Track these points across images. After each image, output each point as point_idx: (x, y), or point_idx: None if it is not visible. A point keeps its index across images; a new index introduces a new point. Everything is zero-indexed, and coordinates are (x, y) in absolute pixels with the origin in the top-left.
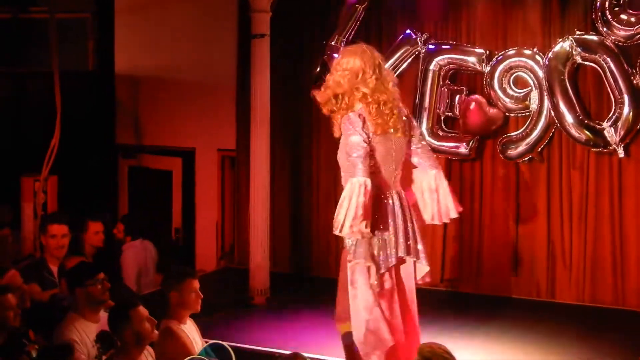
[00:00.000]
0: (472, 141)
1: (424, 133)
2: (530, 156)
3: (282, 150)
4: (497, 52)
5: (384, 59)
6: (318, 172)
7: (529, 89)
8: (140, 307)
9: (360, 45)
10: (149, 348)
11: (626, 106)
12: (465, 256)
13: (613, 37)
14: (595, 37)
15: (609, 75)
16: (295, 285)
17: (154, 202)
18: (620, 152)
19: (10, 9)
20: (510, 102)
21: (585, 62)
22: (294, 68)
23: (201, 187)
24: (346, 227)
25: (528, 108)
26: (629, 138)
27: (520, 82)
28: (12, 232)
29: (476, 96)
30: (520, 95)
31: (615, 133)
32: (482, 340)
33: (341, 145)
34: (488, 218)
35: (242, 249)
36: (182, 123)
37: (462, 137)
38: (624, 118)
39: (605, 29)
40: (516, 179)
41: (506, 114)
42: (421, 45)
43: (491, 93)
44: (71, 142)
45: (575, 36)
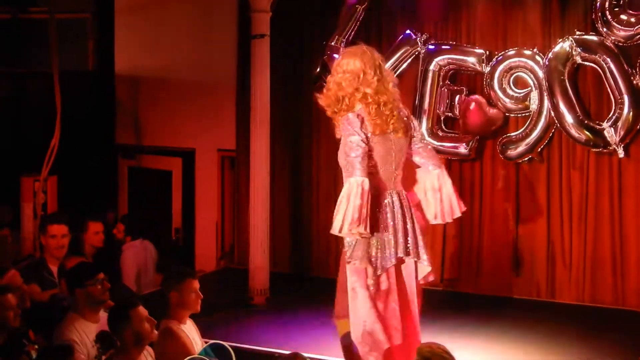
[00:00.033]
0: (472, 141)
1: (424, 133)
2: (530, 156)
3: (282, 151)
4: (497, 52)
5: (384, 60)
6: (318, 172)
7: (528, 89)
8: (140, 307)
9: (360, 47)
10: (148, 348)
11: (626, 106)
12: (465, 256)
13: (613, 38)
14: (595, 38)
15: (608, 75)
16: (295, 286)
17: (153, 202)
18: (620, 153)
19: (10, 9)
20: (510, 102)
21: (585, 63)
22: (294, 68)
23: (201, 187)
24: (345, 228)
25: (528, 108)
26: (629, 138)
27: (520, 83)
28: (11, 232)
29: (476, 96)
30: (520, 95)
31: (615, 133)
32: (482, 340)
33: (341, 145)
34: (488, 218)
35: (242, 249)
36: (182, 123)
37: (461, 138)
38: (624, 118)
39: (605, 29)
40: (516, 179)
41: (506, 114)
42: (421, 45)
43: (491, 93)
44: (71, 142)
45: (575, 36)
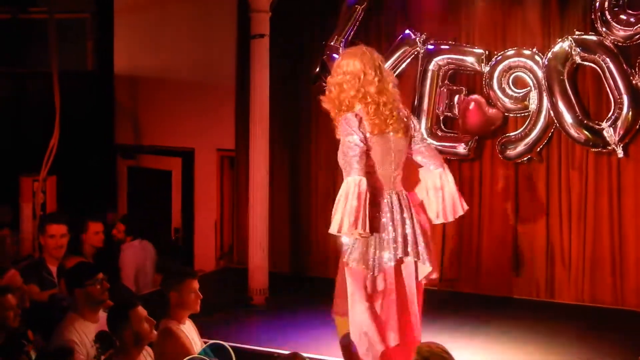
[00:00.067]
0: (471, 141)
1: (423, 133)
2: (529, 156)
3: (281, 150)
4: (496, 52)
5: (384, 60)
6: (317, 172)
7: (528, 89)
8: (140, 308)
9: (360, 47)
10: (148, 348)
11: (625, 106)
12: (464, 256)
13: (612, 37)
14: (594, 37)
15: (608, 75)
16: (295, 286)
17: (153, 202)
18: (620, 152)
19: (10, 9)
20: (509, 102)
21: (585, 62)
22: (294, 68)
23: (200, 187)
24: (344, 228)
25: (527, 108)
26: (628, 138)
27: (520, 82)
28: (11, 233)
29: (475, 96)
30: (520, 95)
31: (615, 133)
32: (482, 340)
33: (340, 145)
34: (487, 218)
35: (241, 249)
36: (182, 123)
37: (461, 137)
38: (623, 118)
39: (605, 29)
40: (515, 179)
41: (505, 114)
42: (420, 45)
43: (490, 93)
44: (70, 142)
45: (574, 36)
